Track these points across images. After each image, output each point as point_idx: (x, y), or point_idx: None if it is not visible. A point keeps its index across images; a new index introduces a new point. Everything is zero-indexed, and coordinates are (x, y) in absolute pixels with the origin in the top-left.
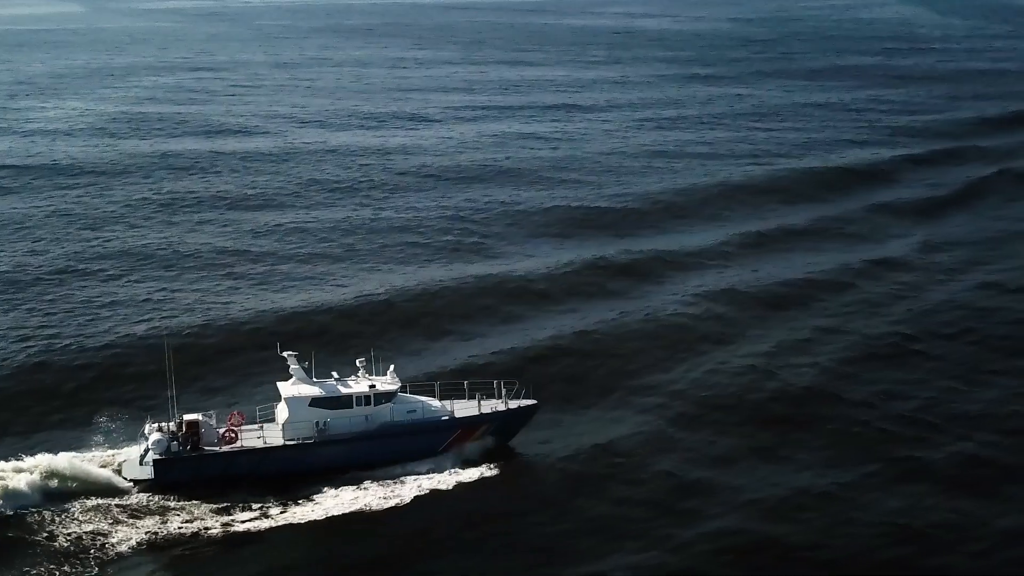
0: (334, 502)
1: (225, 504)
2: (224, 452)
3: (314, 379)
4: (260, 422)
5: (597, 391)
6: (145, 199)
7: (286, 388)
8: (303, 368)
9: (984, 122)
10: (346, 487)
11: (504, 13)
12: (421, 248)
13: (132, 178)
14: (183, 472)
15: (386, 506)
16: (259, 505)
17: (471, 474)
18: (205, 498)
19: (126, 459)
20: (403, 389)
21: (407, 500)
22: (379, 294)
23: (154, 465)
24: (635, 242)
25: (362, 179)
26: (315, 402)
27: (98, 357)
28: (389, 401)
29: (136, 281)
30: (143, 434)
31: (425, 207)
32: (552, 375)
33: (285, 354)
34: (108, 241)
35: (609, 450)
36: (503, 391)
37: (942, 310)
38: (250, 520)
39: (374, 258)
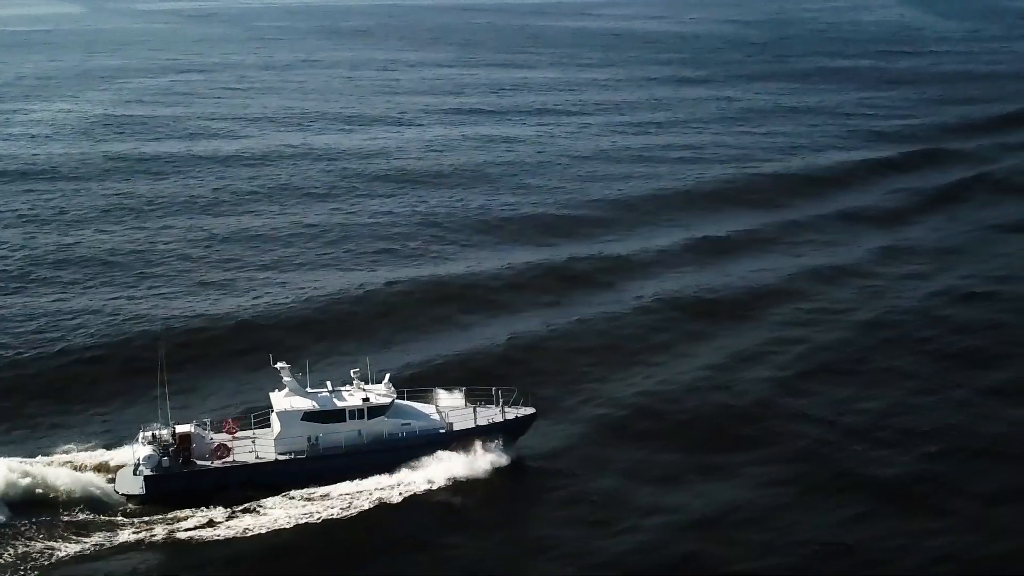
0: (281, 514)
1: (186, 515)
2: (215, 468)
3: (308, 389)
4: (255, 428)
5: (546, 403)
6: (118, 203)
7: (279, 401)
8: (296, 379)
9: (968, 126)
10: (294, 499)
11: (501, 15)
12: (388, 253)
13: (107, 181)
14: (174, 487)
15: (325, 519)
16: (207, 516)
17: (418, 487)
18: (182, 509)
19: (121, 469)
20: (401, 395)
21: (349, 515)
22: (340, 298)
23: (145, 481)
24: (603, 247)
25: (339, 182)
26: (307, 416)
27: (81, 360)
28: (383, 414)
29: (114, 284)
30: (137, 442)
31: (398, 211)
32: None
33: (277, 366)
34: (78, 244)
35: (552, 466)
36: (500, 398)
37: (903, 320)
38: (196, 528)
39: (342, 262)
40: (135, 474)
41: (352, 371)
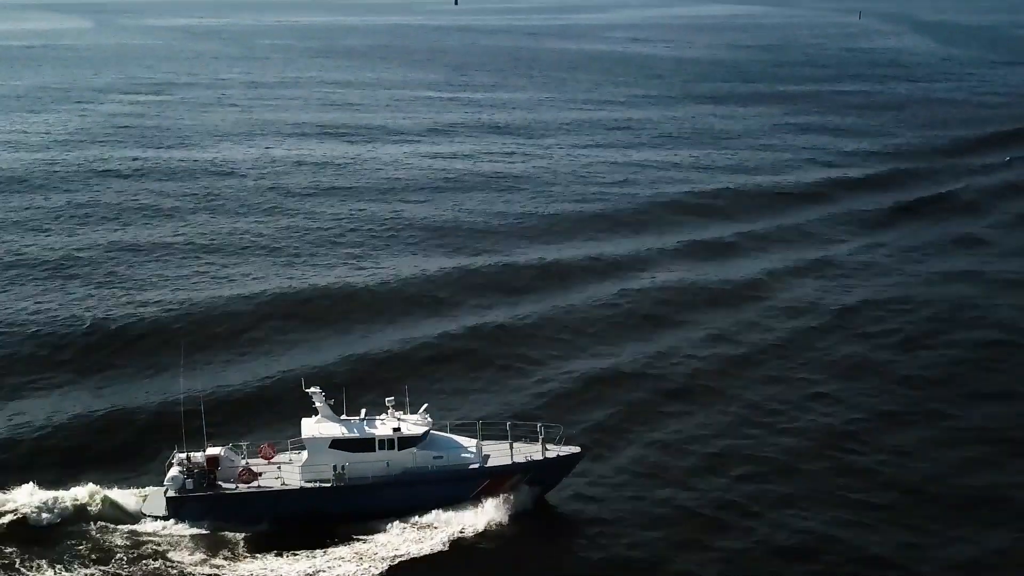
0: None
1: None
2: (239, 493)
3: (342, 416)
4: (290, 451)
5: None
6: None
7: (308, 427)
8: (329, 405)
9: (933, 149)
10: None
11: (503, 36)
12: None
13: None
14: (197, 510)
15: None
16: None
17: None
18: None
19: (153, 490)
20: (441, 428)
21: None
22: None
23: (167, 502)
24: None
25: (282, 193)
26: (336, 443)
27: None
28: (414, 445)
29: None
30: (170, 463)
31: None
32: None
33: (310, 391)
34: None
35: None
36: (542, 435)
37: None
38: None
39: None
40: (166, 495)
41: (387, 399)
